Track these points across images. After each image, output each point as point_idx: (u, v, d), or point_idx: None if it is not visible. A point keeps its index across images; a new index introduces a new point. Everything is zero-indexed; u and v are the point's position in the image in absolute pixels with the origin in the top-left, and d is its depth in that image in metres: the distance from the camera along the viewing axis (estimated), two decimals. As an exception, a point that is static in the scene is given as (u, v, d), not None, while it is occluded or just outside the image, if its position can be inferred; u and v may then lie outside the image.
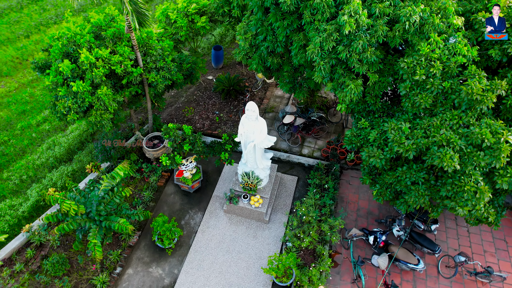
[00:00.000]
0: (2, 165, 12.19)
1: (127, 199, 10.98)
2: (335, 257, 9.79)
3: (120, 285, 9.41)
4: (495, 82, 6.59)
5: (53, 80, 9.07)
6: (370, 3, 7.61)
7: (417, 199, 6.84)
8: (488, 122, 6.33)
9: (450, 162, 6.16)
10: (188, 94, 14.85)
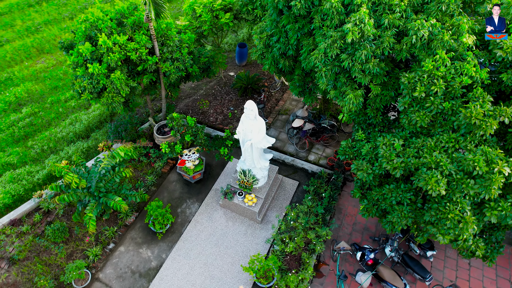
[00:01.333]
0: (29, 134, 13.22)
1: (131, 181, 11.48)
2: (321, 268, 9.61)
3: (110, 260, 9.89)
4: (499, 108, 6.14)
5: (74, 60, 9.69)
6: (381, 13, 7.38)
7: (399, 219, 6.56)
8: (485, 150, 5.92)
9: (435, 186, 5.85)
10: (207, 88, 15.18)
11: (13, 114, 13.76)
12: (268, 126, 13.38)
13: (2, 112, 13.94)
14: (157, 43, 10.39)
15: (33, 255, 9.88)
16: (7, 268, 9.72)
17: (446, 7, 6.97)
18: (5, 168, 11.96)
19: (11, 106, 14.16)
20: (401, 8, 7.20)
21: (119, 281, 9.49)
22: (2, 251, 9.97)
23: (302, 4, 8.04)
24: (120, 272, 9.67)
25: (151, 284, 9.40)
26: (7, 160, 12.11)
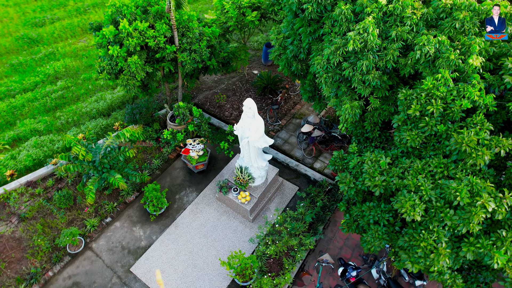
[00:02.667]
0: (59, 106, 14.26)
1: (139, 162, 12.00)
2: (304, 277, 9.45)
3: (105, 232, 10.44)
4: (496, 138, 5.67)
5: (98, 41, 10.31)
6: (391, 25, 7.09)
7: (372, 239, 6.28)
8: (472, 180, 5.49)
9: (409, 210, 5.54)
10: (229, 83, 15.41)
11: (49, 86, 14.90)
12: (280, 128, 13.33)
13: (41, 83, 15.15)
14: (178, 34, 10.74)
15: (40, 216, 10.69)
16: (16, 224, 10.60)
17: (461, 24, 6.54)
18: (32, 134, 13.01)
19: (49, 78, 15.34)
20: (413, 21, 6.87)
21: (108, 254, 9.99)
22: (15, 208, 10.89)
23: (314, 8, 7.93)
24: (111, 245, 10.18)
25: (137, 262, 9.80)
26: (35, 127, 13.16)
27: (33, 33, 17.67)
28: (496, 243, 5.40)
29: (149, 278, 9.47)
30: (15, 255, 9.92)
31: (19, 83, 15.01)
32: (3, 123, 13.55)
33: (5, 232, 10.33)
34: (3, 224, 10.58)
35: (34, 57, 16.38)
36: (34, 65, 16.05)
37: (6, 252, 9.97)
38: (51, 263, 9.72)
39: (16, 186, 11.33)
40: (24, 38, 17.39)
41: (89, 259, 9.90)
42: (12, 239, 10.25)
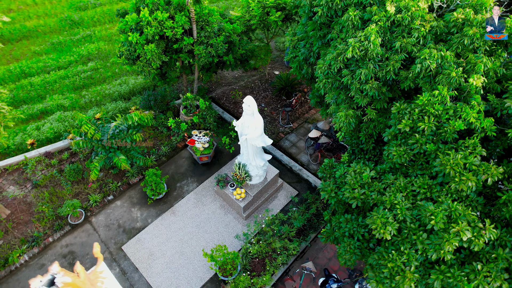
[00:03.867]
0: (86, 85, 15.11)
1: (148, 147, 12.44)
2: (287, 281, 9.35)
3: (105, 209, 10.95)
4: (486, 164, 5.28)
5: (121, 27, 10.81)
6: (398, 35, 6.82)
7: (344, 252, 6.10)
8: (452, 206, 5.17)
9: (380, 228, 5.33)
10: (249, 81, 15.51)
11: (80, 66, 15.82)
12: (290, 130, 13.23)
13: (74, 62, 16.12)
14: (197, 27, 10.99)
15: (51, 185, 11.42)
16: (30, 189, 11.41)
17: (470, 41, 6.15)
18: (58, 108, 13.90)
19: (82, 59, 16.28)
20: (421, 33, 6.56)
21: (105, 230, 10.48)
22: (32, 174, 11.71)
23: (324, 12, 7.82)
24: (109, 222, 10.66)
25: (129, 241, 10.19)
26: (61, 103, 14.05)
27: (76, 15, 18.81)
28: (469, 275, 5.05)
29: (137, 259, 9.82)
30: (24, 218, 10.68)
31: (55, 60, 16.07)
32: (35, 96, 14.58)
33: (18, 196, 11.15)
34: (18, 188, 11.43)
35: (73, 38, 17.45)
36: (71, 46, 17.11)
37: (16, 214, 10.75)
38: (53, 230, 10.36)
39: (35, 155, 12.18)
40: (67, 20, 18.57)
41: (87, 231, 10.43)
42: (24, 203, 11.04)
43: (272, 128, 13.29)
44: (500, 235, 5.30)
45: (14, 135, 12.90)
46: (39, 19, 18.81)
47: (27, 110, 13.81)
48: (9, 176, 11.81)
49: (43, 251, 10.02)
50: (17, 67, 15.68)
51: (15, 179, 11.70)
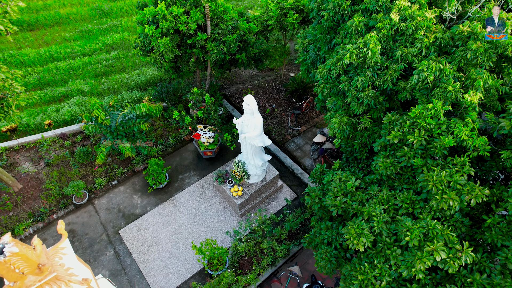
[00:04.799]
0: (106, 73, 15.70)
1: (156, 137, 12.77)
2: (273, 283, 9.34)
3: (108, 193, 11.36)
4: (470, 184, 5.06)
5: (139, 19, 11.16)
6: (401, 44, 6.65)
7: (320, 259, 6.03)
8: (430, 224, 4.99)
9: (354, 239, 5.23)
10: (263, 80, 15.55)
11: (104, 54, 16.46)
12: (298, 133, 13.15)
13: (98, 50, 16.79)
14: (211, 24, 11.16)
15: (61, 165, 11.99)
16: (42, 167, 12.03)
17: (473, 55, 5.90)
18: (77, 93, 14.54)
19: (106, 47, 16.93)
20: (424, 44, 6.36)
21: (106, 213, 10.88)
22: (46, 153, 12.34)
23: (331, 17, 7.74)
24: (110, 206, 11.05)
25: (126, 226, 10.52)
26: (81, 88, 14.68)
27: (106, 5, 19.56)
28: (441, 298, 4.88)
29: (132, 244, 10.12)
30: (33, 193, 11.28)
31: (81, 47, 16.81)
32: (59, 80, 15.32)
33: (31, 172, 11.79)
34: (32, 165, 12.08)
35: (100, 27, 18.16)
36: (98, 34, 17.82)
37: (27, 189, 11.37)
38: (58, 208, 10.88)
39: (51, 135, 12.82)
40: (97, 9, 19.34)
41: (89, 212, 10.87)
42: (35, 179, 11.66)
43: (280, 130, 13.27)
44: (479, 260, 5.07)
45: (35, 115, 13.63)
46: (72, 7, 19.71)
47: (50, 93, 14.54)
48: (26, 153, 12.50)
49: (47, 226, 10.55)
50: (46, 51, 16.53)
51: (30, 156, 12.36)
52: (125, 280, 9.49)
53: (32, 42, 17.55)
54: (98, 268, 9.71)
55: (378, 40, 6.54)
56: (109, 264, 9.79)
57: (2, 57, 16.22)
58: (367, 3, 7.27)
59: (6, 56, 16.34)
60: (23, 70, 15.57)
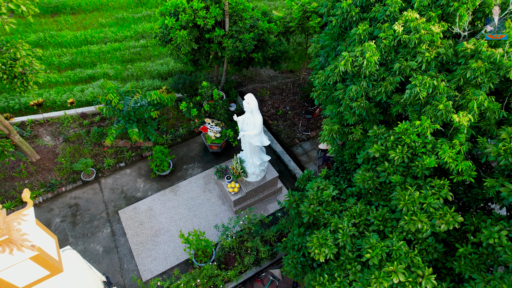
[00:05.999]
0: (133, 60, 16.36)
1: (168, 126, 13.16)
2: (255, 283, 9.36)
3: (115, 174, 11.89)
4: (446, 208, 4.80)
5: (162, 10, 11.55)
6: (402, 57, 6.42)
7: (286, 264, 5.99)
8: (395, 244, 4.80)
9: (316, 248, 5.15)
10: (281, 82, 15.52)
11: (133, 42, 17.17)
12: (306, 138, 13.02)
13: (129, 38, 17.54)
14: (230, 21, 11.31)
15: (77, 142, 12.70)
16: (60, 142, 12.81)
17: (473, 75, 5.58)
18: (103, 76, 15.29)
19: (136, 35, 17.64)
20: (425, 58, 6.11)
21: (109, 192, 11.40)
22: (65, 130, 13.13)
23: (338, 23, 7.62)
24: (114, 186, 11.56)
25: (126, 208, 10.97)
26: (107, 72, 15.42)
27: (143, -5, 20.35)
28: (396, 322, 4.69)
29: (128, 225, 10.54)
30: (48, 165, 12.05)
31: (114, 33, 17.63)
32: (89, 62, 16.19)
33: (49, 145, 12.59)
34: (52, 139, 12.89)
35: (135, 15, 18.94)
36: (132, 22, 18.60)
37: (44, 161, 12.17)
38: (67, 181, 11.54)
39: (73, 113, 13.60)
40: (135, -1, 20.17)
41: (94, 190, 11.45)
42: (52, 153, 12.44)
43: (290, 132, 13.20)
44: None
45: (63, 93, 14.51)
46: (113, -5, 20.69)
47: (79, 73, 15.40)
48: (49, 127, 13.36)
49: (55, 197, 11.23)
50: (82, 35, 17.50)
51: (52, 130, 13.20)
52: (116, 258, 9.91)
53: (71, 25, 18.64)
54: (94, 243, 10.22)
55: (379, 50, 6.36)
56: (104, 241, 10.26)
57: (43, 37, 17.38)
58: (375, 11, 7.09)
59: (47, 36, 17.48)
60: (58, 51, 16.62)
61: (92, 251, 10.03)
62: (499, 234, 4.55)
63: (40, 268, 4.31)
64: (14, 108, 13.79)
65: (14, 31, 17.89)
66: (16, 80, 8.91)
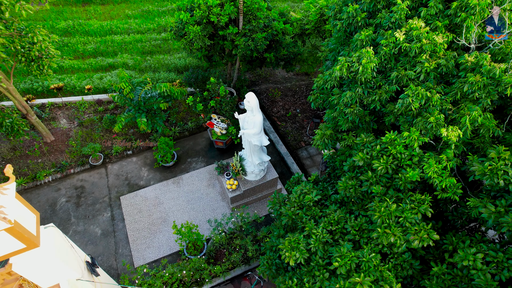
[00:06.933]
0: (152, 52, 16.78)
1: (178, 118, 13.41)
2: (243, 282, 9.39)
3: (122, 161, 12.25)
4: (420, 226, 4.63)
5: (179, 5, 11.79)
6: (399, 66, 6.25)
7: (261, 264, 5.97)
8: (366, 255, 4.69)
9: (287, 251, 5.12)
10: (295, 84, 15.43)
11: (155, 34, 17.60)
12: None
13: (151, 30, 18.00)
14: (244, 19, 11.37)
15: (90, 127, 13.19)
16: (75, 126, 13.35)
17: (470, 89, 5.34)
18: (122, 66, 15.79)
19: (159, 28, 18.07)
20: (424, 69, 5.91)
21: (114, 178, 11.77)
22: (80, 115, 13.67)
23: (343, 27, 7.51)
24: (120, 172, 11.93)
25: (127, 194, 11.29)
26: (127, 62, 15.91)
27: (170, -10, 20.81)
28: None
29: (127, 211, 10.85)
30: (61, 147, 12.59)
31: (138, 25, 18.15)
32: (111, 51, 16.76)
33: (64, 128, 13.15)
34: (67, 122, 13.46)
35: (160, 9, 19.41)
36: (156, 15, 19.07)
37: (57, 142, 12.73)
38: (76, 164, 12.02)
39: (90, 99, 14.14)
40: (162, -8, 20.66)
41: (100, 174, 11.86)
42: (65, 135, 12.99)
43: (297, 135, 13.11)
44: (412, 307, 4.66)
45: (83, 79, 15.11)
46: (141, -12, 21.29)
47: (100, 62, 15.98)
48: (66, 110, 13.95)
49: (63, 178, 11.73)
50: (108, 25, 18.13)
51: (69, 114, 13.78)
52: (113, 242, 10.23)
53: (99, 15, 19.36)
54: (94, 225, 10.59)
55: (379, 57, 6.21)
56: (104, 224, 10.61)
57: (72, 25, 18.16)
58: (381, 17, 6.92)
59: (76, 24, 18.25)
60: (84, 39, 17.30)
61: (91, 233, 10.41)
62: (475, 256, 4.34)
63: (16, 241, 4.54)
64: (38, 91, 14.49)
65: (46, 17, 18.82)
66: (33, 63, 9.38)
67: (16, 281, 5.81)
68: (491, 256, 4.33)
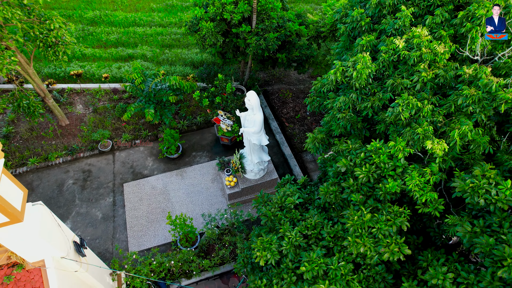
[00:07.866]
0: (171, 45, 17.11)
1: (188, 112, 13.63)
2: (232, 279, 9.44)
3: (129, 150, 12.60)
4: (393, 239, 4.50)
5: (196, 1, 11.97)
6: (397, 74, 6.08)
7: (238, 262, 5.99)
8: (334, 264, 4.60)
9: (259, 251, 5.11)
10: (309, 86, 15.29)
11: (175, 28, 17.94)
12: (319, 146, 12.72)
13: (173, 24, 18.35)
14: (258, 18, 11.39)
15: (103, 114, 13.64)
16: (89, 112, 13.85)
17: (464, 102, 5.12)
18: (140, 57, 16.21)
19: (180, 23, 18.40)
20: (421, 78, 5.73)
21: (120, 165, 12.13)
22: (95, 102, 14.16)
23: (347, 31, 7.40)
24: (126, 160, 12.27)
25: (131, 182, 11.60)
26: (145, 53, 16.32)
27: (196, -14, 21.11)
28: None
29: (128, 198, 11.15)
30: (74, 131, 13.11)
31: (161, 18, 18.56)
32: (132, 43, 17.24)
33: (78, 113, 13.68)
34: (83, 108, 13.99)
35: (183, 4, 19.75)
36: (179, 9, 19.42)
37: (71, 126, 13.26)
38: (86, 149, 12.48)
39: (106, 87, 14.61)
40: (187, -12, 21.00)
41: (107, 160, 12.25)
42: (80, 120, 13.50)
43: (303, 138, 13.00)
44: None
45: (102, 67, 15.64)
46: (168, -18, 21.73)
47: (120, 52, 16.48)
48: (83, 97, 14.49)
49: (72, 161, 12.21)
50: (132, 16, 18.66)
51: (85, 100, 14.31)
52: (111, 226, 10.56)
53: (125, 7, 19.93)
54: (95, 208, 10.97)
55: (377, 64, 6.07)
56: (105, 209, 10.97)
57: (98, 15, 18.82)
58: (385, 23, 6.76)
59: (102, 14, 18.90)
60: (108, 29, 17.89)
61: (92, 216, 10.78)
62: (445, 276, 4.17)
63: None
64: (60, 76, 15.14)
65: (76, 6, 19.60)
66: (50, 49, 9.82)
67: (5, 253, 6.13)
68: (463, 277, 4.14)
